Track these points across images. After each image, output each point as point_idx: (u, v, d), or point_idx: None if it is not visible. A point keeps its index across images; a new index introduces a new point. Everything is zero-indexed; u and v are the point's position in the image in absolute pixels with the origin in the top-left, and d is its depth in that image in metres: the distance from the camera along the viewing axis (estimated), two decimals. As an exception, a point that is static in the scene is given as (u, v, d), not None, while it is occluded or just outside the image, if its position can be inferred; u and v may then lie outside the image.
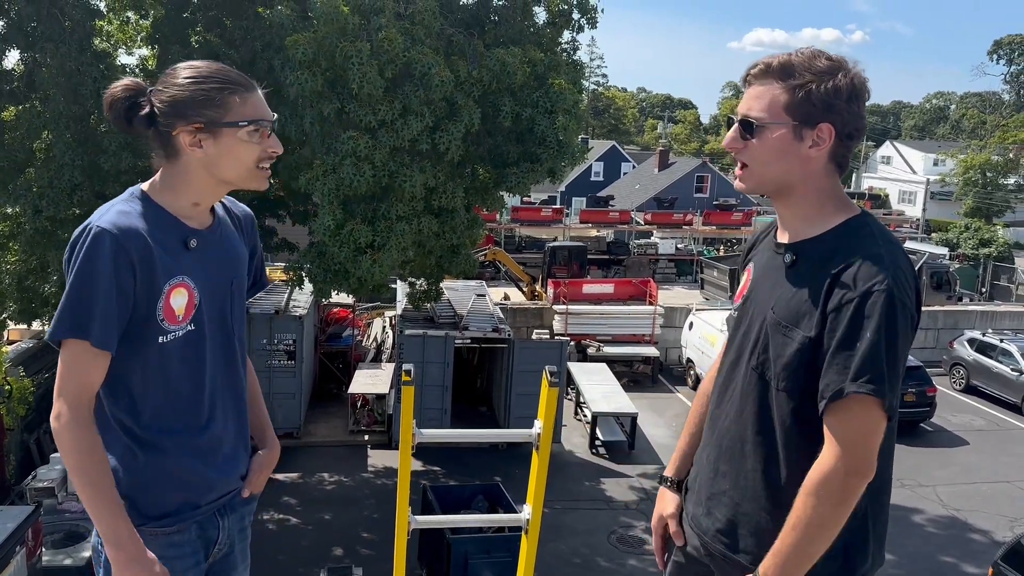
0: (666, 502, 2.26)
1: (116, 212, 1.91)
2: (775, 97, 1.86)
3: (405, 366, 2.14)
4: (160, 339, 1.94)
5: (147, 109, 1.96)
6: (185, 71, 1.97)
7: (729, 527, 2.02)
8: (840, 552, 1.91)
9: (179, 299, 1.96)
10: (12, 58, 11.66)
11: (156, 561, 1.93)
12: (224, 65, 2.03)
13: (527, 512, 2.25)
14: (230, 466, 2.13)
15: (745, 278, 2.12)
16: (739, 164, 1.96)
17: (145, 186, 2.02)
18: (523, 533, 2.32)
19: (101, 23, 12.09)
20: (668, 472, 2.31)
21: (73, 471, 1.90)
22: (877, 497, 1.96)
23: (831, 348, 1.79)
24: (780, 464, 1.92)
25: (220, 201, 2.13)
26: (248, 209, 2.27)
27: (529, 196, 35.63)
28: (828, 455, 1.80)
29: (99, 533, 1.92)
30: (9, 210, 12.43)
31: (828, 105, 1.84)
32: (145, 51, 13.39)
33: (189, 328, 1.99)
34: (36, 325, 15.03)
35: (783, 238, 1.99)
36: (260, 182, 2.02)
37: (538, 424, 2.24)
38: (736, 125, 1.93)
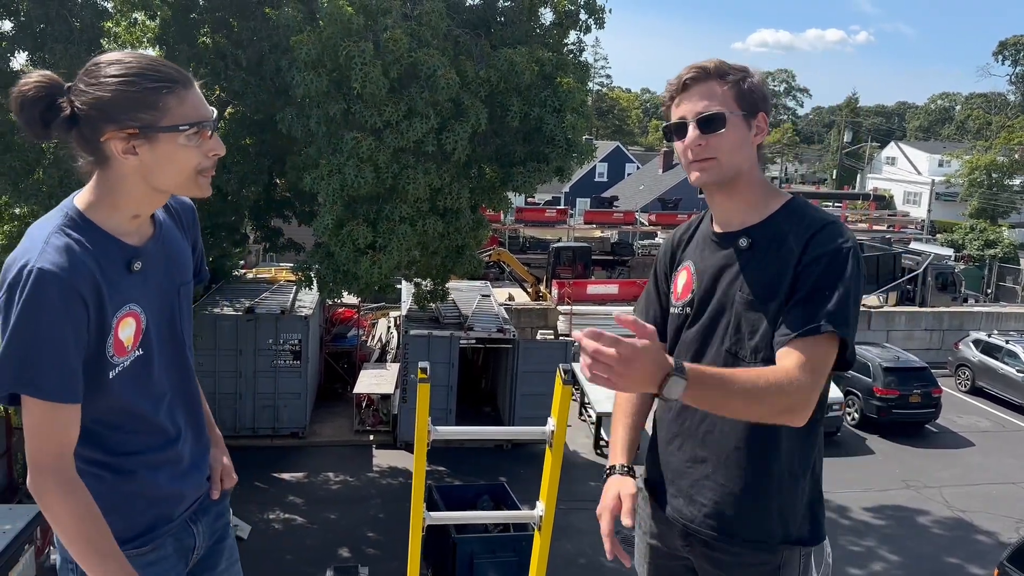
0: (625, 484, 2.20)
1: (54, 248, 1.68)
2: (724, 93, 1.97)
3: (421, 364, 2.16)
4: (110, 374, 1.79)
5: (67, 111, 1.70)
6: (112, 67, 1.71)
7: (716, 509, 2.06)
8: (808, 513, 2.05)
9: (127, 330, 1.81)
10: (20, 59, 11.70)
11: None
12: (154, 57, 1.80)
13: (540, 509, 2.27)
14: (195, 474, 2.06)
15: (685, 277, 2.14)
16: (697, 159, 1.98)
17: (79, 201, 1.79)
18: (536, 530, 2.34)
19: (109, 24, 12.13)
20: (617, 461, 2.27)
21: (72, 540, 1.76)
22: (818, 465, 2.08)
23: (804, 291, 1.88)
24: (763, 438, 1.98)
25: None
26: (188, 201, 2.05)
27: (534, 197, 35.72)
28: (795, 367, 1.81)
29: None
30: (18, 210, 12.47)
31: (762, 96, 2.01)
32: (152, 52, 13.44)
33: (137, 354, 1.85)
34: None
35: (721, 228, 2.08)
36: (202, 189, 1.82)
37: (551, 422, 2.27)
38: (693, 125, 1.96)
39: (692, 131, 1.97)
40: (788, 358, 1.84)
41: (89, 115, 1.69)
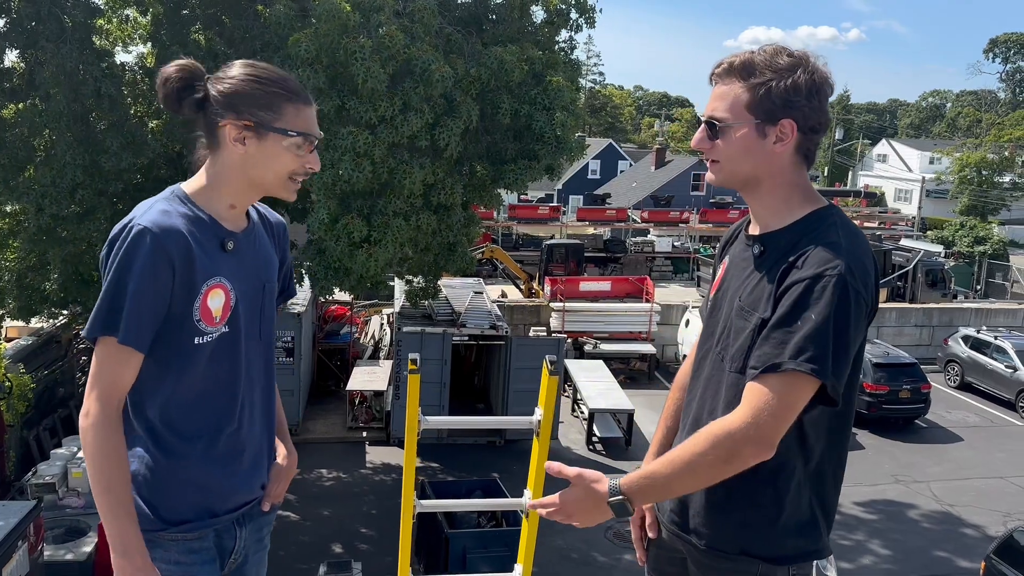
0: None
1: (158, 211, 1.88)
2: (737, 97, 1.90)
3: (411, 355, 2.22)
4: (196, 340, 1.92)
5: (201, 93, 1.93)
6: (248, 68, 1.96)
7: (680, 507, 2.06)
8: (790, 531, 1.95)
9: (216, 300, 1.93)
10: (12, 57, 11.69)
11: (158, 573, 1.92)
12: (286, 73, 2.03)
13: (527, 497, 2.33)
14: (252, 475, 2.10)
15: (720, 271, 2.16)
16: (709, 160, 2.00)
17: (185, 186, 1.99)
18: (524, 517, 2.40)
19: (100, 21, 12.12)
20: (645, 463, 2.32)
21: (93, 472, 1.87)
22: (824, 482, 1.98)
23: (771, 323, 1.82)
24: None
25: (254, 206, 2.12)
26: (281, 218, 2.24)
27: (526, 194, 35.73)
28: (738, 413, 1.80)
29: (108, 536, 1.89)
30: (9, 208, 12.47)
31: (788, 102, 1.87)
32: (143, 48, 13.42)
33: (224, 330, 1.97)
34: (35, 322, 15.09)
35: (754, 231, 2.04)
36: (290, 193, 2.01)
37: (538, 412, 2.32)
38: (703, 126, 1.97)
39: (700, 131, 1.98)
40: (742, 401, 1.82)
41: (217, 101, 1.92)
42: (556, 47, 12.72)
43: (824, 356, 1.75)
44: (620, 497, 1.85)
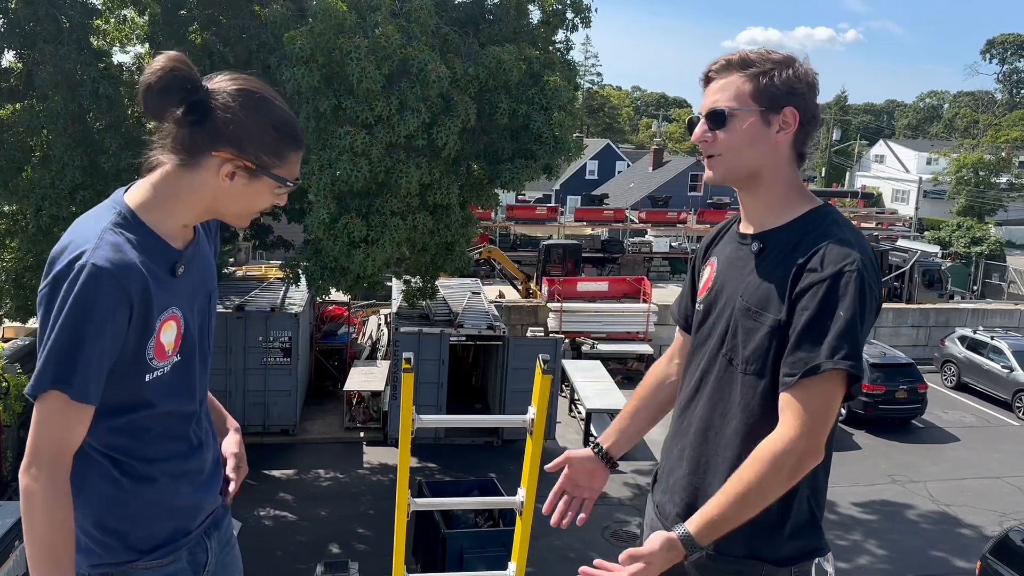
0: (580, 451, 2.35)
1: (109, 245, 1.68)
2: (740, 87, 1.90)
3: (405, 354, 2.23)
4: (147, 377, 1.78)
5: (196, 114, 1.73)
6: (264, 104, 1.78)
7: (687, 511, 1.99)
8: (790, 533, 1.94)
9: (168, 334, 1.80)
10: (9, 57, 11.69)
11: None
12: (294, 118, 1.88)
13: (521, 495, 2.34)
14: (213, 484, 2.04)
15: (708, 271, 2.13)
16: (706, 155, 1.98)
17: (131, 200, 1.79)
18: (519, 516, 2.41)
19: (98, 22, 12.13)
20: (601, 440, 2.38)
21: (36, 543, 1.69)
22: (818, 478, 1.98)
23: (801, 326, 1.80)
24: (741, 447, 1.92)
25: None
26: None
27: (524, 194, 35.74)
28: (791, 428, 1.79)
29: None
30: (7, 208, 12.46)
31: (791, 89, 1.89)
32: (140, 49, 13.43)
33: (176, 359, 1.85)
34: (32, 322, 15.07)
35: (747, 229, 2.03)
36: (244, 223, 1.90)
37: (532, 410, 2.33)
38: (703, 119, 1.95)
39: (700, 125, 1.95)
40: (786, 413, 1.81)
41: (221, 126, 1.72)
42: (553, 47, 12.75)
43: (857, 352, 1.78)
44: (693, 543, 1.85)
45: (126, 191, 1.83)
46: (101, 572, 1.86)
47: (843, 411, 17.65)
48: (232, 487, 2.09)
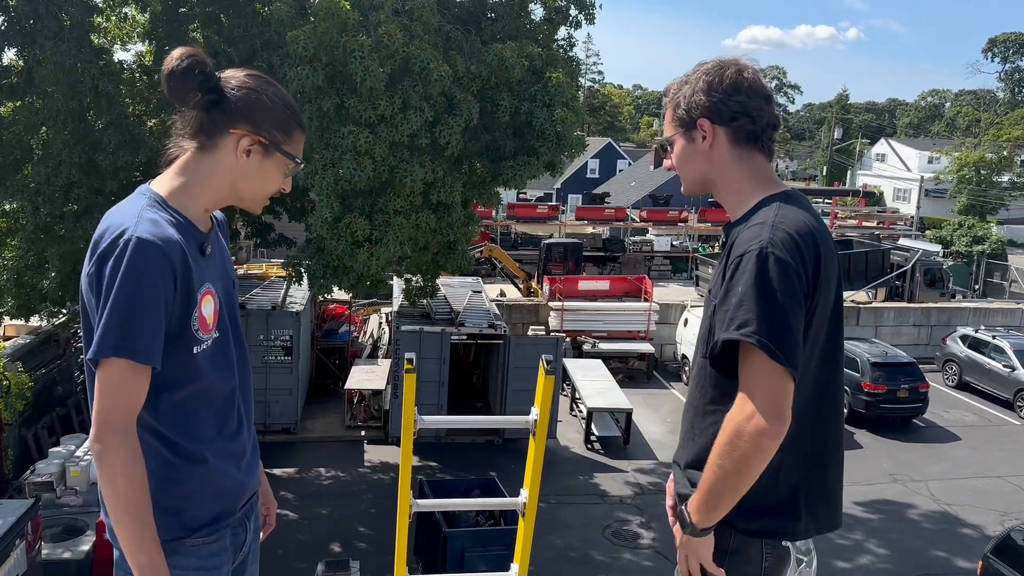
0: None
1: (149, 220, 1.82)
2: (668, 117, 2.20)
3: (407, 354, 2.22)
4: (195, 349, 1.91)
5: (214, 95, 1.90)
6: (271, 86, 1.97)
7: (675, 480, 2.24)
8: (766, 508, 2.06)
9: (208, 307, 1.93)
10: (10, 55, 11.68)
11: None
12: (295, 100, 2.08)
13: (524, 496, 2.33)
14: (254, 468, 2.15)
15: None
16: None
17: (157, 187, 1.94)
18: (521, 516, 2.40)
19: (99, 19, 12.11)
20: None
21: (117, 500, 1.82)
22: (805, 469, 2.09)
23: (715, 310, 2.00)
24: (700, 424, 2.12)
25: None
26: (222, 214, 2.24)
27: (525, 192, 35.72)
28: (736, 402, 1.94)
29: (133, 565, 1.86)
30: (7, 206, 12.46)
31: (693, 104, 2.11)
32: (141, 47, 13.42)
33: (216, 335, 1.97)
34: (33, 321, 15.08)
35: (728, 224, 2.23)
36: (259, 208, 2.08)
37: (535, 411, 2.33)
38: (664, 148, 2.26)
39: (663, 155, 2.26)
40: (736, 398, 1.95)
41: (237, 105, 1.91)
42: (555, 44, 12.73)
43: (751, 320, 1.87)
44: (691, 525, 2.05)
45: (151, 183, 1.99)
46: None
47: (844, 410, 17.82)
48: (266, 532, 2.31)
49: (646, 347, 20.99)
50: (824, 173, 66.64)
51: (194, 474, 1.95)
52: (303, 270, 12.07)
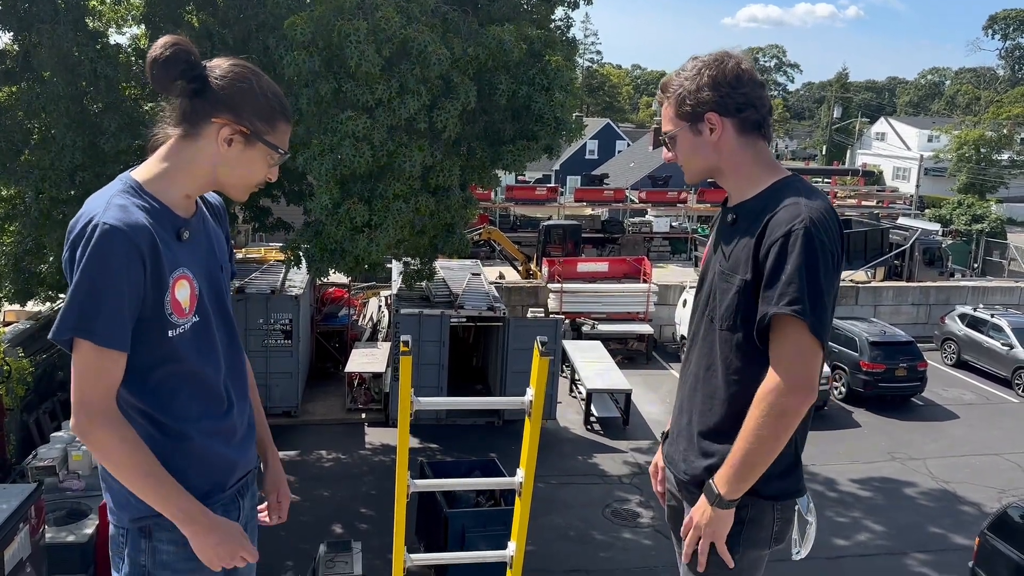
0: (661, 453, 2.58)
1: (117, 207, 1.85)
2: (669, 112, 2.26)
3: (403, 337, 2.24)
4: (170, 332, 1.93)
5: (198, 83, 1.92)
6: (254, 75, 1.98)
7: (686, 455, 2.29)
8: (777, 472, 2.15)
9: (183, 291, 1.94)
10: (6, 38, 11.62)
11: (230, 522, 2.01)
12: (281, 91, 2.06)
13: (520, 476, 2.36)
14: (247, 445, 2.17)
15: (707, 248, 2.43)
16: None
17: (137, 174, 1.97)
18: (517, 496, 2.42)
19: (93, 2, 12.03)
20: (667, 428, 2.59)
21: (124, 469, 1.87)
22: (802, 429, 2.18)
23: (762, 285, 2.07)
24: (723, 395, 2.19)
25: None
26: (219, 198, 2.25)
27: (524, 175, 35.62)
28: (770, 374, 2.05)
29: (169, 517, 1.93)
30: (4, 192, 12.43)
31: (699, 100, 2.17)
32: (136, 29, 13.34)
33: (195, 319, 1.99)
34: (31, 305, 15.10)
35: (729, 204, 2.31)
36: (243, 195, 2.06)
37: (530, 392, 2.35)
38: (664, 142, 2.32)
39: (663, 149, 2.34)
40: (770, 359, 2.06)
41: (220, 95, 1.92)
42: (552, 25, 12.65)
43: (799, 299, 1.99)
44: (719, 498, 2.11)
45: (132, 170, 2.00)
46: (141, 525, 1.99)
47: (843, 389, 17.65)
48: (274, 519, 2.35)
49: (645, 328, 21.03)
50: (823, 152, 66.46)
51: (180, 451, 1.97)
52: (301, 253, 12.07)
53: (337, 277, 17.63)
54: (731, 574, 2.19)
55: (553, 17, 12.65)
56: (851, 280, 23.42)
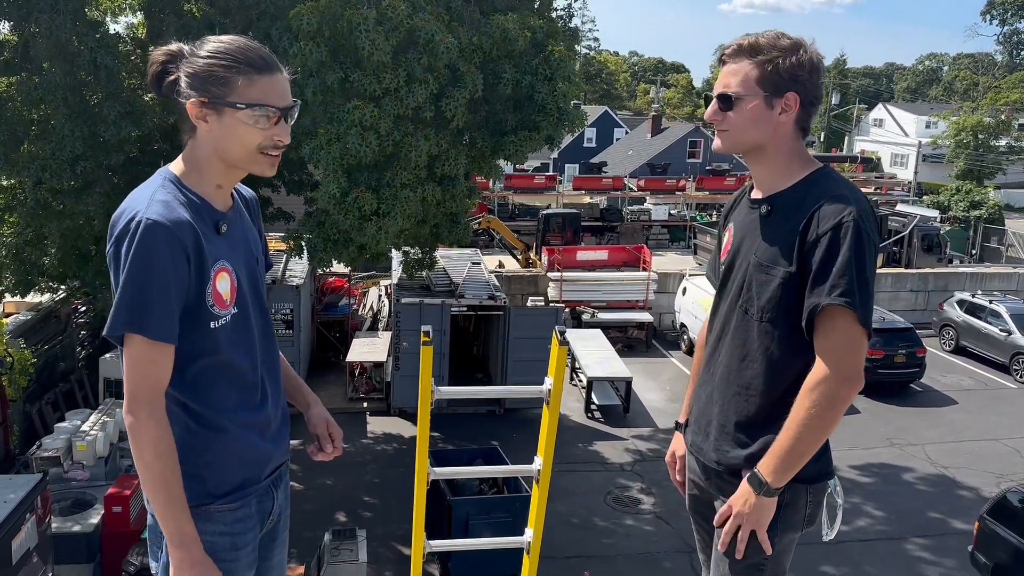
0: (677, 443, 2.62)
1: (160, 202, 1.89)
2: (748, 73, 2.14)
3: (424, 327, 2.27)
4: (212, 324, 1.97)
5: (173, 76, 1.97)
6: (209, 43, 1.97)
7: (718, 445, 2.30)
8: (817, 456, 2.17)
9: (223, 283, 1.98)
10: (5, 28, 11.55)
11: (214, 565, 1.99)
12: (252, 43, 2.00)
13: (538, 463, 2.40)
14: (281, 439, 2.20)
15: (727, 237, 2.39)
16: (716, 129, 2.24)
17: (174, 168, 2.02)
18: (535, 483, 2.46)
19: (92, -9, 11.94)
20: (679, 418, 2.62)
21: (148, 473, 1.91)
22: None
23: (812, 275, 2.07)
24: (761, 386, 2.21)
25: None
26: (253, 192, 2.29)
27: (523, 163, 35.54)
28: (819, 364, 2.07)
29: (164, 533, 1.95)
30: (5, 182, 12.40)
31: (793, 76, 2.12)
32: (134, 18, 13.26)
33: (235, 311, 2.02)
34: (31, 296, 15.10)
35: (757, 195, 2.29)
36: (263, 167, 2.00)
37: (548, 381, 2.38)
38: (715, 100, 2.20)
39: (712, 104, 2.21)
40: (816, 349, 2.08)
41: (184, 82, 1.95)
42: (554, 15, 12.62)
43: (851, 290, 2.02)
44: (765, 486, 2.12)
45: (170, 164, 2.05)
46: None
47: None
48: (327, 449, 2.37)
49: (645, 316, 21.08)
50: (821, 139, 66.36)
51: (216, 442, 2.01)
52: (303, 243, 12.08)
53: (338, 267, 17.63)
54: (767, 558, 2.21)
55: (555, 6, 12.62)
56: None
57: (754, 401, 2.22)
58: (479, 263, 19.35)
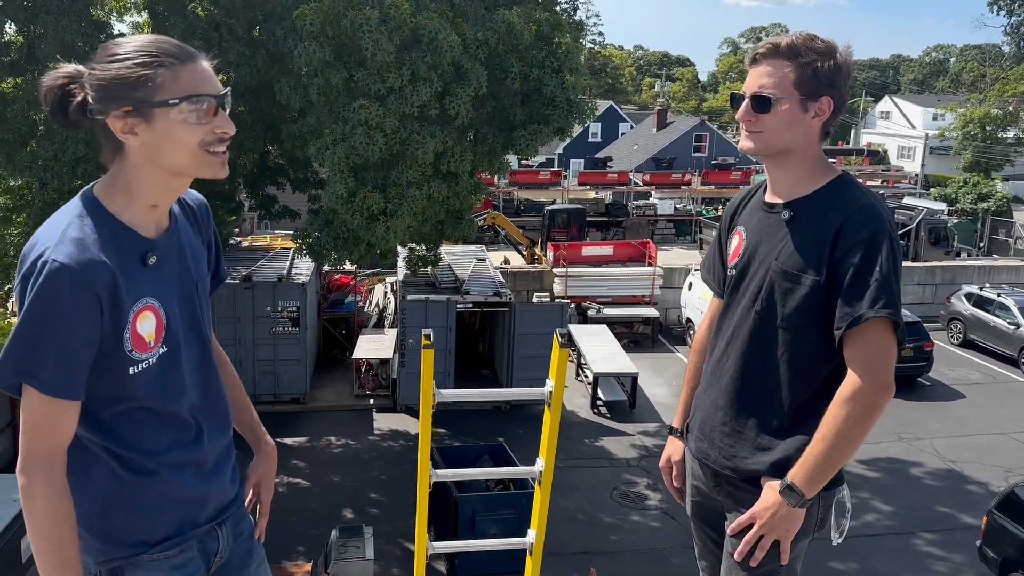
0: (673, 448, 2.57)
1: (71, 240, 1.66)
2: (785, 75, 2.10)
3: (425, 331, 2.27)
4: (131, 370, 1.76)
5: (79, 97, 1.72)
6: (112, 47, 1.73)
7: (733, 451, 2.26)
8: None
9: (146, 324, 1.77)
10: (11, 30, 11.59)
11: None
12: (161, 37, 1.77)
13: (540, 465, 2.40)
14: (219, 475, 2.01)
15: (737, 240, 2.33)
16: (746, 130, 2.18)
17: (97, 192, 1.78)
18: (537, 484, 2.46)
19: (97, -8, 11.97)
20: (674, 423, 2.57)
21: (41, 539, 1.71)
22: None
23: (845, 285, 2.04)
24: (785, 394, 2.18)
25: None
26: (201, 196, 2.04)
27: (533, 157, 35.54)
28: (854, 373, 2.05)
29: None
30: (12, 183, 12.46)
31: (831, 81, 2.11)
32: (139, 18, 13.29)
33: (162, 351, 1.82)
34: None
35: (774, 199, 2.24)
36: (214, 169, 1.76)
37: (549, 383, 2.38)
38: (747, 100, 2.15)
39: (745, 105, 2.16)
40: (849, 362, 2.06)
41: (95, 98, 1.70)
42: (559, 8, 12.60)
43: (894, 302, 2.03)
44: (797, 495, 2.10)
45: (96, 184, 1.81)
46: (111, 567, 1.87)
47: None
48: (259, 527, 2.15)
49: (651, 311, 21.05)
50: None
51: (146, 487, 1.84)
52: (311, 242, 12.11)
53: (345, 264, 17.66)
54: (782, 566, 2.20)
55: (559, 0, 12.59)
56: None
57: (775, 408, 2.19)
58: (484, 259, 19.35)
